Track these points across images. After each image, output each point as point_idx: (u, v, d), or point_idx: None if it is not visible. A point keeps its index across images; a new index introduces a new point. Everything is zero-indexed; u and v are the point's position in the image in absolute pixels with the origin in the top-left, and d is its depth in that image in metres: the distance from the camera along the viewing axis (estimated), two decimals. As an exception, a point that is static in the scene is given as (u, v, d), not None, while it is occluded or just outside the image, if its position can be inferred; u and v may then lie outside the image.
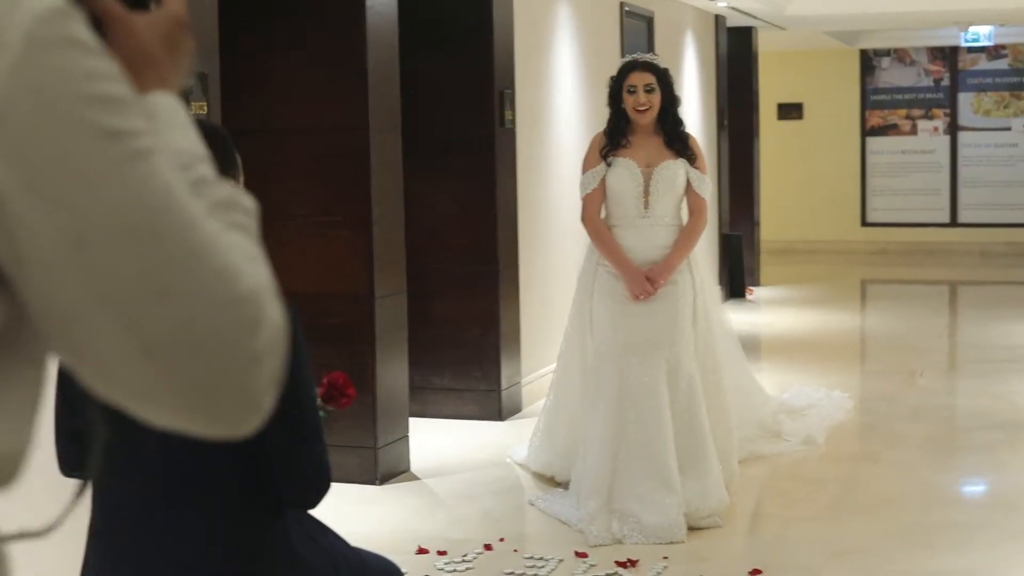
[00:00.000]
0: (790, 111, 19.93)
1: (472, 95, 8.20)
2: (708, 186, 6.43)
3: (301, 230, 6.86)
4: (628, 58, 6.61)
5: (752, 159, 15.34)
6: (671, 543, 5.82)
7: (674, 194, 6.37)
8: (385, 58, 6.84)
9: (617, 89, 6.43)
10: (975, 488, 7.04)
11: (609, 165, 6.41)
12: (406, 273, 7.14)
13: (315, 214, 6.84)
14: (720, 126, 14.49)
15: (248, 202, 1.36)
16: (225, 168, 3.04)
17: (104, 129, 1.16)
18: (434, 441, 7.73)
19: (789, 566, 5.56)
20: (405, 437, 7.10)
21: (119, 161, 1.16)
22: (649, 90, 6.35)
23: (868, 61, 19.75)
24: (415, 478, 7.01)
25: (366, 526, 6.10)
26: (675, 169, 6.35)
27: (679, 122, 6.44)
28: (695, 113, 13.44)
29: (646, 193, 6.35)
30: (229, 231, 1.27)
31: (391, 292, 6.91)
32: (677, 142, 6.40)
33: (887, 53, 19.63)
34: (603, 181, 6.41)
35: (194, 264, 1.18)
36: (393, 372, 6.95)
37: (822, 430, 7.73)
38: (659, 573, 5.47)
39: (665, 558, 5.64)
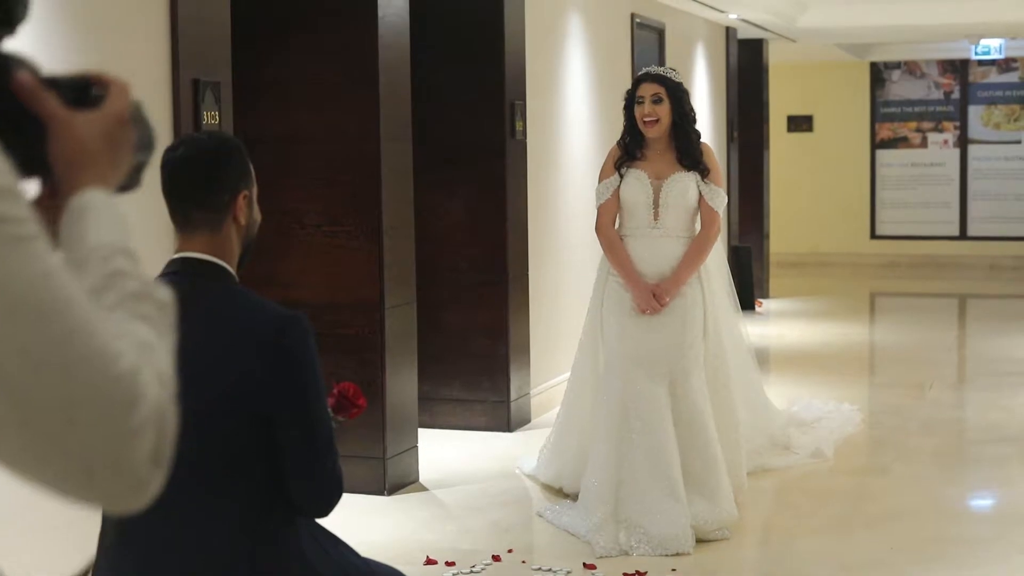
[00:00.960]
0: (800, 123, 19.93)
1: (483, 105, 8.20)
2: (722, 199, 6.41)
3: (312, 239, 6.86)
4: (643, 70, 6.61)
5: (762, 171, 15.35)
6: (677, 554, 5.81)
7: (685, 207, 6.36)
8: (397, 67, 6.84)
9: (630, 101, 6.44)
10: (985, 502, 7.02)
11: (622, 177, 6.41)
12: (416, 283, 7.14)
13: (326, 223, 6.84)
14: (730, 138, 14.49)
15: (162, 295, 1.44)
16: (239, 178, 3.05)
17: None
18: (443, 452, 7.73)
19: (798, 579, 5.55)
20: (414, 447, 7.09)
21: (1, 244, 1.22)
22: (656, 101, 6.32)
23: (878, 74, 19.76)
24: (424, 489, 7.01)
25: (375, 536, 6.09)
26: (685, 182, 6.34)
27: (692, 136, 6.40)
28: (705, 125, 13.43)
29: (655, 204, 6.35)
30: (132, 320, 1.35)
31: (401, 302, 6.91)
32: (687, 157, 6.37)
33: (897, 66, 19.63)
34: (617, 192, 6.42)
35: (70, 343, 1.24)
36: (402, 382, 6.94)
37: (831, 443, 7.72)
38: (668, 585, 5.46)
39: (673, 570, 5.64)
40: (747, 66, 15.17)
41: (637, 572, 5.58)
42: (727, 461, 6.31)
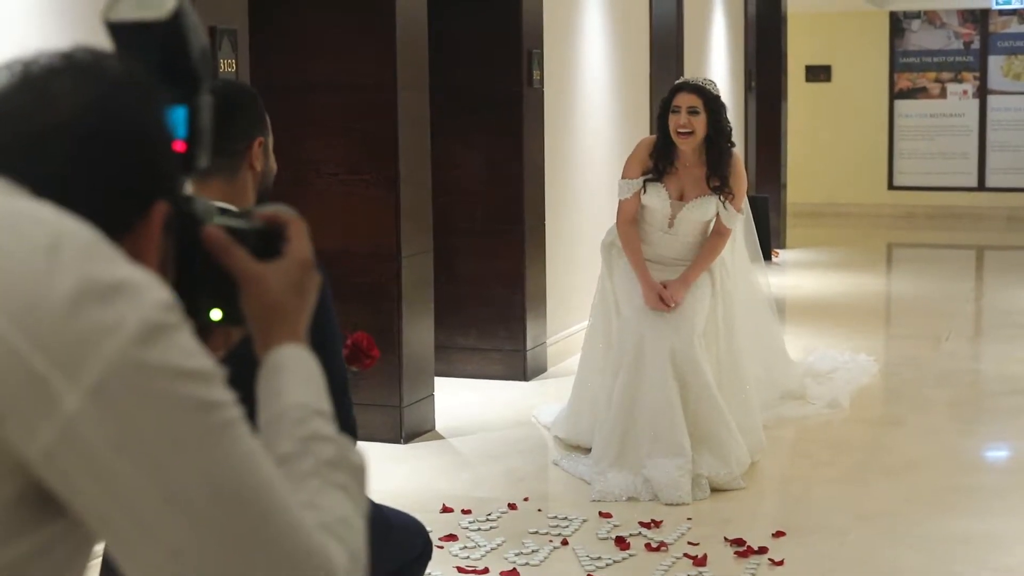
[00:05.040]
0: (818, 73, 19.84)
1: (500, 54, 8.17)
2: (737, 220, 6.39)
3: (329, 187, 6.86)
4: (680, 79, 6.53)
5: (779, 121, 15.29)
6: (678, 504, 5.83)
7: (701, 223, 6.37)
8: (414, 16, 6.82)
9: (664, 110, 6.37)
10: (1000, 453, 7.03)
11: (645, 188, 6.36)
12: (433, 232, 7.14)
13: (343, 172, 6.83)
14: (748, 88, 14.44)
15: (357, 460, 1.48)
16: (255, 125, 3.04)
17: (195, 402, 1.26)
18: (459, 400, 7.74)
19: (813, 528, 5.56)
20: (430, 396, 7.11)
21: (207, 431, 1.27)
22: (693, 112, 6.22)
23: (898, 23, 19.64)
24: (440, 437, 7.03)
25: (391, 485, 6.11)
26: (705, 206, 6.30)
27: (724, 154, 6.29)
28: (723, 75, 13.38)
29: (672, 219, 6.35)
30: (328, 490, 1.40)
31: (417, 251, 6.91)
32: (716, 176, 6.30)
33: (917, 15, 19.51)
34: (638, 194, 6.38)
35: (265, 527, 1.29)
36: (419, 331, 6.95)
37: (847, 393, 7.72)
38: (683, 534, 5.48)
39: (689, 519, 5.65)
40: (765, 15, 15.09)
41: (653, 521, 5.60)
42: (741, 423, 6.33)
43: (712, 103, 6.26)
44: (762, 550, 5.25)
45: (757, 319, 7.31)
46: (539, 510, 5.81)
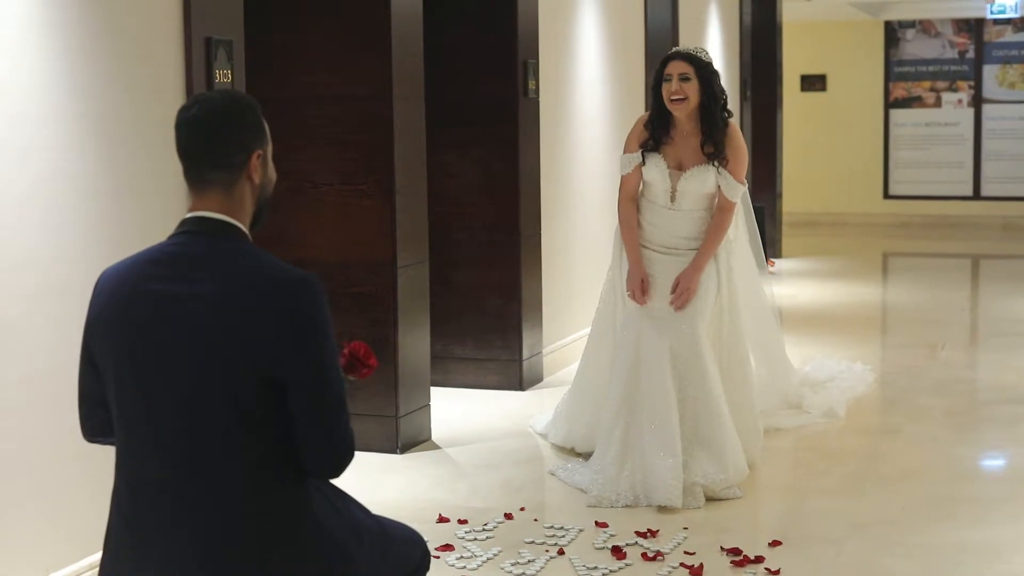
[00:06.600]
0: (814, 83, 19.86)
1: (496, 65, 8.18)
2: (738, 191, 6.39)
3: (325, 199, 6.86)
4: (672, 49, 6.58)
5: (775, 131, 15.31)
6: (667, 506, 5.83)
7: (702, 194, 6.37)
8: (409, 27, 6.83)
9: (658, 81, 6.40)
10: (997, 461, 7.03)
11: (644, 159, 6.39)
12: (428, 242, 7.14)
13: (339, 183, 6.84)
14: (743, 97, 14.45)
15: None
16: (253, 137, 3.04)
17: None
18: (455, 410, 7.74)
19: (809, 538, 5.56)
20: (426, 406, 7.11)
21: None
22: (684, 79, 6.27)
23: (893, 33, 19.67)
24: (436, 447, 7.02)
25: (387, 495, 6.11)
26: (704, 175, 6.32)
27: (718, 120, 6.32)
28: (718, 84, 13.38)
29: (673, 191, 6.36)
30: None
31: (414, 261, 6.91)
32: (711, 142, 6.34)
33: (912, 25, 19.54)
34: (639, 167, 6.41)
35: None
36: (415, 341, 6.95)
37: (843, 403, 7.72)
38: (679, 543, 5.47)
39: (685, 528, 5.65)
40: (761, 25, 15.12)
41: (649, 531, 5.59)
42: (741, 426, 6.33)
43: (703, 70, 6.32)
44: (759, 559, 5.25)
45: (761, 325, 7.32)
46: (535, 520, 5.81)
